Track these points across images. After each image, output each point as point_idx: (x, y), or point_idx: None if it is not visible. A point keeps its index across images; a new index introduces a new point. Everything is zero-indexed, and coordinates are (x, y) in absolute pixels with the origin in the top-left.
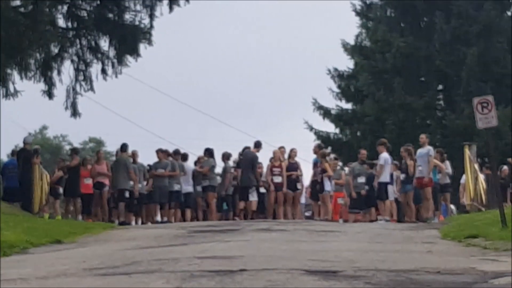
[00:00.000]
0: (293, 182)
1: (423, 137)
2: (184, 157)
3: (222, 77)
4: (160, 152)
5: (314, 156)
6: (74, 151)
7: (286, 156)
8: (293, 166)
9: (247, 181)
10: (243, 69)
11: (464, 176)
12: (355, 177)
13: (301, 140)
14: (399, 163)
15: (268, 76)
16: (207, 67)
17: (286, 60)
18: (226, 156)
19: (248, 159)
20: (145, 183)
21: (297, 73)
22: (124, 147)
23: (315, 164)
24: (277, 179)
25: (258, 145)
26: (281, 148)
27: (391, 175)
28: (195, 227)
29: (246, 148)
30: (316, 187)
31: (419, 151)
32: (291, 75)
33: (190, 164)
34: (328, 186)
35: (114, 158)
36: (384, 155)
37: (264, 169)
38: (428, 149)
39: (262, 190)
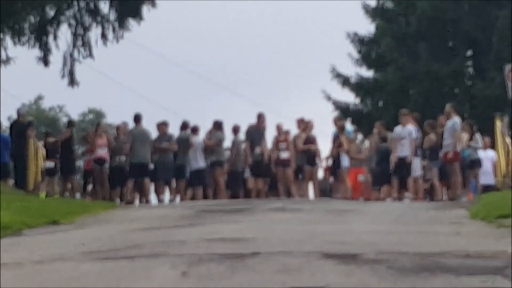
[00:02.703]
0: (312, 156)
1: (447, 107)
2: (194, 130)
3: (232, 43)
4: (162, 125)
5: (334, 129)
6: (70, 123)
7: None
8: (312, 139)
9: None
10: (255, 35)
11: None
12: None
13: (318, 111)
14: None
15: (282, 41)
16: (216, 32)
17: (301, 24)
18: (235, 129)
19: None
20: None
21: (313, 37)
22: (138, 118)
23: (335, 138)
24: (284, 155)
25: (258, 118)
26: (299, 121)
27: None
28: (203, 207)
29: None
30: (334, 163)
31: (446, 123)
32: (306, 40)
33: (199, 138)
34: (345, 161)
35: (114, 131)
36: (397, 128)
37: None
38: (454, 121)
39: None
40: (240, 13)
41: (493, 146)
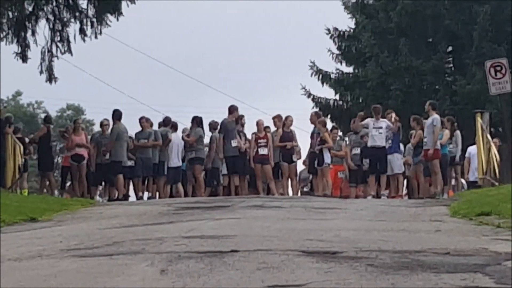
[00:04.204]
0: (288, 153)
1: (426, 105)
2: (173, 126)
3: (211, 39)
4: (143, 120)
5: (313, 126)
6: (46, 120)
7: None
8: (288, 136)
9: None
10: (234, 31)
11: (469, 150)
12: (352, 148)
13: (298, 107)
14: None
15: (261, 37)
16: (194, 28)
17: (281, 19)
18: (213, 126)
19: None
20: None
21: (293, 33)
22: (118, 115)
23: (312, 135)
24: (263, 151)
25: (229, 111)
26: (275, 118)
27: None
28: (182, 204)
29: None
30: (315, 159)
31: (427, 120)
32: (286, 35)
33: (178, 136)
34: (328, 158)
35: (94, 128)
36: (370, 119)
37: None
38: (432, 118)
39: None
40: (220, 9)
41: None
